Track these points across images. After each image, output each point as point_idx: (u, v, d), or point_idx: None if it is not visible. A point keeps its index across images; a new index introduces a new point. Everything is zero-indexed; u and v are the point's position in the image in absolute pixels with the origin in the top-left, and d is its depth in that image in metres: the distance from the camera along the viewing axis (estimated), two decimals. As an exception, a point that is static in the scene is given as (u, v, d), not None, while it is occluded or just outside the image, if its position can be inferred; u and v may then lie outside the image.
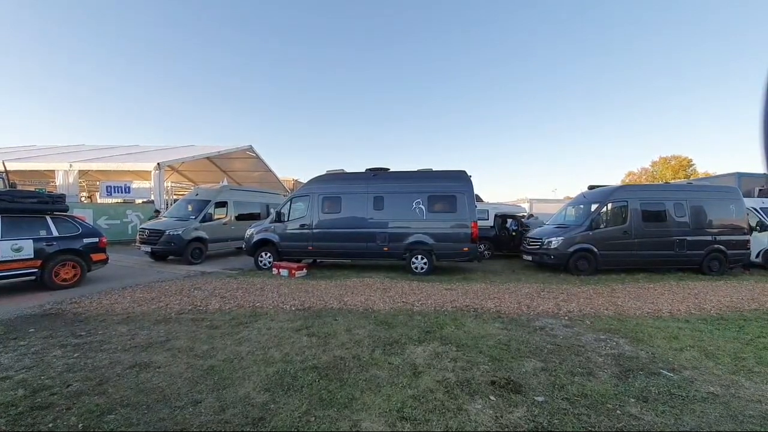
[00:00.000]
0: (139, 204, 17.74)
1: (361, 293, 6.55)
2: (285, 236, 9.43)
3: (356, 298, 6.15)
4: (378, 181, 9.27)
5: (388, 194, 9.05)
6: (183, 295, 6.47)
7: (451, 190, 8.80)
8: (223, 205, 12.38)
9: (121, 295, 6.65)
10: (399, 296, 6.31)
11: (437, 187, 8.89)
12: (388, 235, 8.88)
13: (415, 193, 8.90)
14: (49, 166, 17.58)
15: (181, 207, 12.32)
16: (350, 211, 9.19)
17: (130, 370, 3.33)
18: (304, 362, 3.39)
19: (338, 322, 4.68)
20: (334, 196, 9.33)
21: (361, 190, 9.22)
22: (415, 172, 9.42)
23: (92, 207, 15.94)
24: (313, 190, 9.49)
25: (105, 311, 5.63)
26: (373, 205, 9.05)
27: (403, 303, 5.81)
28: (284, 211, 9.56)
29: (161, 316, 5.21)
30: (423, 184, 8.98)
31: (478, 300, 6.04)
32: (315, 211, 9.32)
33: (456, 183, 8.86)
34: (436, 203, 8.80)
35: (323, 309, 5.44)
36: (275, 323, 4.68)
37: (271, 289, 6.89)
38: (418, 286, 7.30)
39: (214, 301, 5.95)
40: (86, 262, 7.83)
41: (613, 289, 7.28)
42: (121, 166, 17.47)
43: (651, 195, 9.42)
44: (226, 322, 4.77)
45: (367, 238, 8.98)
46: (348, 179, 9.57)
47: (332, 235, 9.18)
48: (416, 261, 8.81)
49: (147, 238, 10.79)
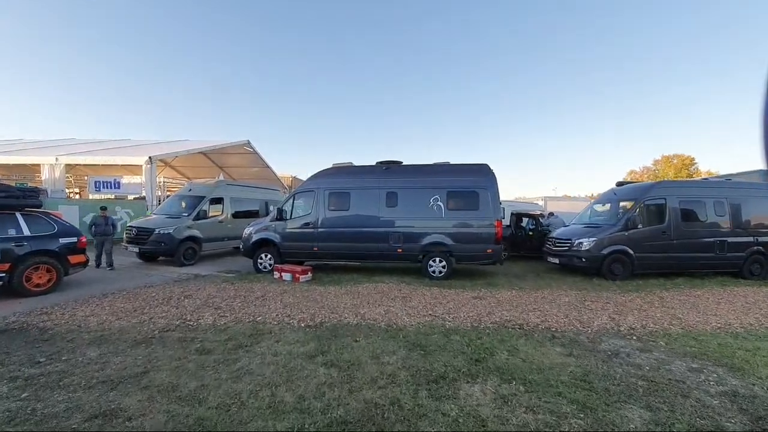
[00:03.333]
0: (130, 200, 16.72)
1: (379, 303, 5.67)
2: (287, 236, 8.52)
3: (374, 309, 5.26)
4: (391, 176, 8.37)
5: (402, 190, 8.16)
6: (171, 306, 5.56)
7: (472, 186, 7.92)
8: (219, 201, 11.43)
9: (100, 304, 5.74)
10: (423, 307, 5.44)
11: (457, 182, 8.00)
12: (402, 235, 7.99)
13: (432, 189, 8.01)
14: (35, 159, 16.47)
15: (173, 203, 11.36)
16: (360, 208, 8.29)
17: (90, 424, 2.43)
18: (326, 412, 2.50)
19: (360, 345, 3.79)
20: (342, 192, 8.42)
21: (372, 186, 8.32)
22: (433, 165, 8.53)
23: (78, 203, 14.91)
24: (318, 185, 8.58)
25: (77, 326, 4.72)
26: (385, 201, 8.15)
27: (430, 316, 4.93)
28: (286, 209, 8.64)
29: (142, 334, 4.30)
30: (441, 179, 8.08)
31: (517, 312, 5.17)
32: (320, 209, 8.41)
33: (478, 177, 7.98)
34: (456, 200, 7.92)
35: (338, 325, 4.55)
36: (282, 346, 3.79)
37: (274, 298, 5.99)
38: (440, 293, 6.43)
39: (207, 314, 5.04)
40: (63, 265, 6.89)
41: (661, 298, 6.45)
42: (109, 160, 16.39)
43: (690, 192, 8.60)
44: (220, 344, 3.86)
45: (378, 239, 8.08)
46: (357, 173, 8.66)
47: (340, 234, 8.28)
48: (434, 264, 7.94)
49: (135, 237, 9.82)
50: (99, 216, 9.25)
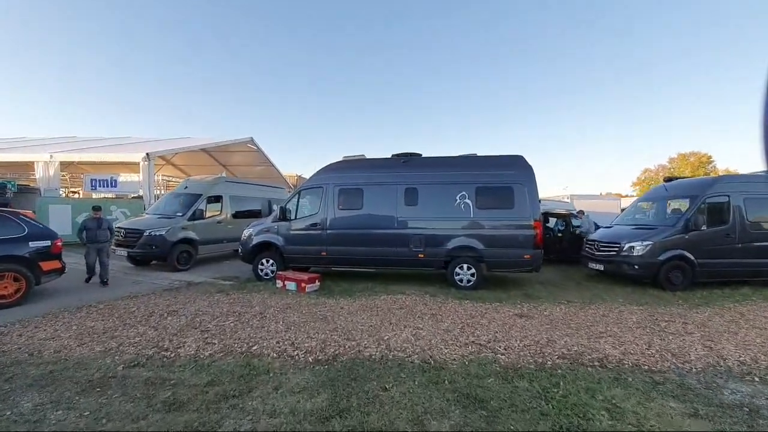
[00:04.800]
0: (127, 199, 15.83)
1: (404, 323, 4.59)
2: (291, 238, 7.48)
3: (400, 333, 4.19)
4: (410, 169, 7.28)
5: (423, 185, 7.07)
6: (149, 325, 4.54)
7: (506, 180, 6.80)
8: (218, 200, 10.44)
9: (68, 322, 4.77)
10: (460, 330, 4.35)
11: (488, 176, 6.89)
12: (423, 238, 6.90)
13: (458, 184, 6.91)
14: (28, 156, 15.63)
15: (167, 202, 10.38)
16: (374, 206, 7.22)
17: None
18: None
19: (392, 398, 2.71)
20: (354, 188, 7.36)
21: (388, 181, 7.24)
22: (458, 157, 7.41)
23: (71, 202, 14.05)
24: (326, 180, 7.52)
25: (29, 354, 3.74)
26: (404, 199, 7.07)
27: (475, 345, 3.84)
28: (290, 207, 7.60)
29: (102, 370, 3.28)
30: (469, 173, 6.97)
31: (584, 339, 4.06)
32: (329, 207, 7.36)
33: (512, 171, 6.86)
34: (486, 197, 6.81)
35: (357, 359, 3.48)
36: (283, 398, 2.72)
37: (275, 315, 4.95)
38: (475, 309, 5.33)
39: (191, 339, 4.01)
40: (33, 272, 5.92)
41: (741, 314, 5.30)
42: (105, 157, 15.53)
43: (758, 189, 7.38)
44: (199, 392, 2.82)
45: (396, 242, 7.01)
46: (371, 167, 7.58)
47: (351, 237, 7.22)
48: (461, 271, 6.83)
49: (123, 239, 8.86)
50: (90, 218, 7.31)
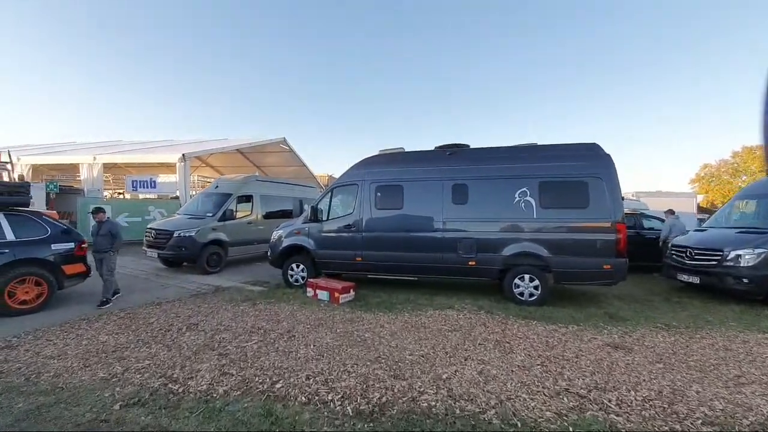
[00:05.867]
0: (166, 200, 16.04)
1: (463, 352, 3.63)
2: (323, 241, 6.74)
3: (462, 369, 3.24)
4: (457, 163, 6.28)
5: (474, 181, 6.05)
6: (164, 343, 3.93)
7: (578, 174, 5.61)
8: (248, 199, 9.98)
9: (81, 334, 4.31)
10: (542, 368, 3.32)
11: (555, 168, 5.73)
12: (475, 243, 5.88)
13: (518, 179, 5.82)
14: (74, 159, 16.35)
15: (197, 202, 10.08)
16: (416, 206, 6.30)
17: None
18: None
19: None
20: (393, 185, 6.48)
21: (432, 177, 6.29)
22: (517, 147, 6.30)
23: (111, 203, 14.36)
24: (362, 176, 6.70)
25: (25, 378, 3.22)
26: (451, 197, 6.08)
27: (571, 395, 2.81)
28: (322, 207, 6.85)
29: (96, 409, 2.63)
30: (531, 166, 5.86)
31: (717, 387, 2.89)
32: (365, 207, 6.53)
33: (587, 162, 5.66)
34: (553, 194, 5.67)
35: (412, 412, 2.57)
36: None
37: (305, 334, 4.18)
38: (549, 333, 4.26)
39: (206, 366, 3.30)
40: (56, 276, 5.59)
41: None
42: (143, 158, 15.86)
43: None
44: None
45: (442, 247, 6.04)
46: (412, 161, 6.66)
47: (390, 240, 6.35)
48: (521, 283, 5.74)
49: (154, 240, 8.59)
50: (95, 222, 6.00)
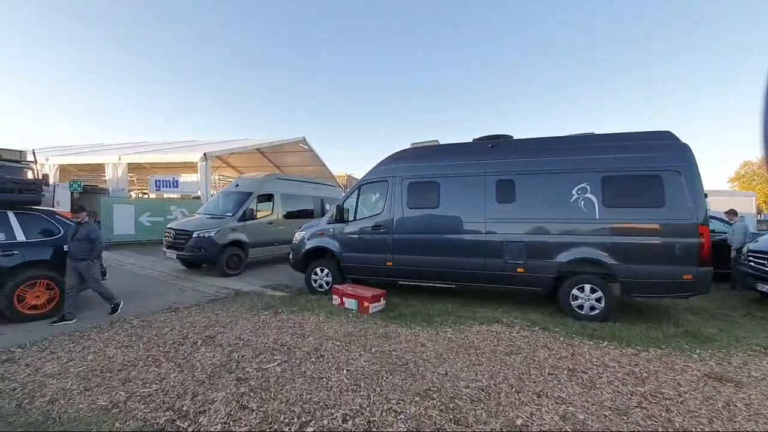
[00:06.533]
0: (185, 199, 15.96)
1: (533, 385, 2.92)
2: (349, 244, 6.15)
3: (538, 412, 2.53)
4: (501, 156, 5.53)
5: (522, 176, 5.29)
6: (176, 362, 3.42)
7: (651, 166, 4.76)
8: (269, 198, 9.55)
9: (88, 347, 3.91)
10: (639, 409, 2.57)
11: (622, 161, 4.90)
12: (524, 247, 5.12)
13: (576, 173, 5.02)
14: (99, 159, 16.56)
15: (217, 202, 9.73)
16: (454, 204, 5.60)
17: None
18: None
19: None
20: (427, 182, 5.81)
21: (473, 171, 5.57)
22: (573, 137, 5.48)
23: (134, 202, 14.36)
24: (393, 172, 6.06)
25: (16, 404, 2.78)
26: (495, 194, 5.35)
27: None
28: (348, 206, 6.25)
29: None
30: (592, 158, 5.04)
31: None
32: (396, 206, 5.89)
33: (659, 153, 4.80)
34: (620, 190, 4.83)
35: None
36: None
37: (335, 353, 3.57)
38: (630, 360, 3.48)
39: (222, 396, 2.74)
40: (69, 279, 5.24)
41: None
42: (166, 158, 15.88)
43: None
44: None
45: (484, 251, 5.31)
46: (449, 155, 5.96)
47: (424, 243, 5.68)
48: (580, 294, 4.93)
49: (173, 241, 8.26)
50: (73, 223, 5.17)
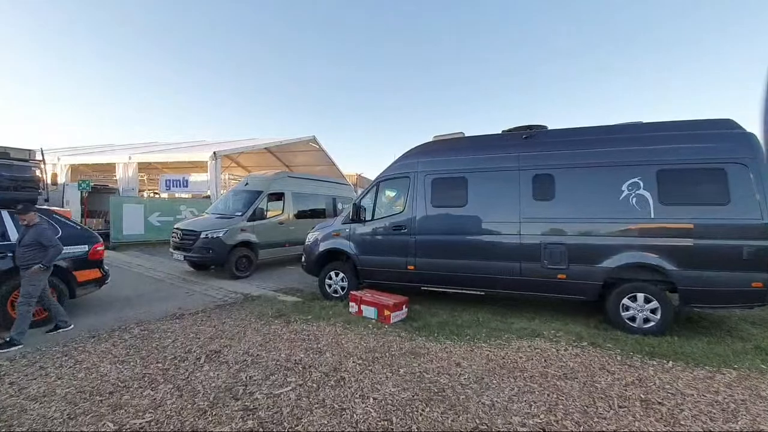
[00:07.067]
0: (195, 199, 15.72)
1: (604, 422, 2.39)
2: (367, 246, 5.66)
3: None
4: (537, 148, 4.97)
5: (562, 170, 4.72)
6: (175, 383, 2.97)
7: (712, 158, 4.16)
8: (279, 197, 9.14)
9: (81, 361, 3.50)
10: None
11: (679, 152, 4.30)
12: (566, 250, 4.55)
13: (626, 167, 4.43)
14: (110, 159, 16.44)
15: (226, 201, 9.36)
16: (484, 202, 5.06)
17: None
18: None
19: None
20: (454, 177, 5.28)
21: (505, 165, 5.02)
22: (620, 126, 4.88)
23: (144, 202, 14.15)
24: (414, 167, 5.55)
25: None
26: (531, 191, 4.79)
27: None
28: (365, 205, 5.77)
29: None
30: (644, 150, 4.45)
31: None
32: (418, 204, 5.38)
33: (722, 144, 4.19)
34: (678, 186, 4.23)
35: None
36: None
37: (358, 375, 3.08)
38: (706, 386, 2.91)
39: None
40: (67, 283, 4.88)
41: None
42: (176, 157, 15.73)
43: None
44: None
45: (519, 255, 4.76)
46: (477, 148, 5.42)
47: (450, 245, 5.16)
48: (633, 305, 4.34)
49: (180, 242, 7.90)
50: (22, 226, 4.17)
